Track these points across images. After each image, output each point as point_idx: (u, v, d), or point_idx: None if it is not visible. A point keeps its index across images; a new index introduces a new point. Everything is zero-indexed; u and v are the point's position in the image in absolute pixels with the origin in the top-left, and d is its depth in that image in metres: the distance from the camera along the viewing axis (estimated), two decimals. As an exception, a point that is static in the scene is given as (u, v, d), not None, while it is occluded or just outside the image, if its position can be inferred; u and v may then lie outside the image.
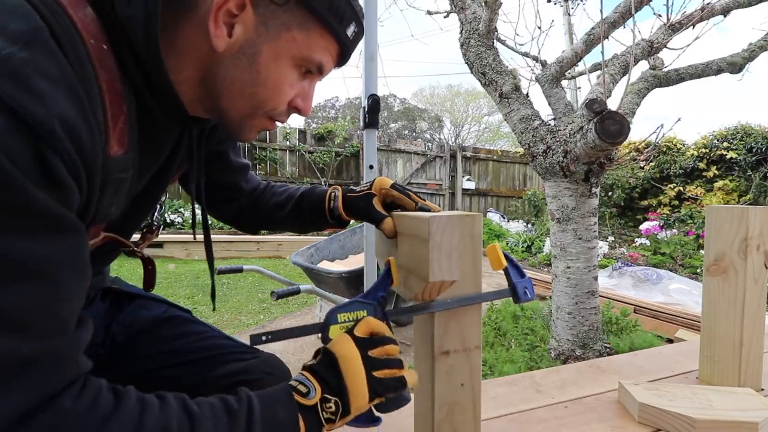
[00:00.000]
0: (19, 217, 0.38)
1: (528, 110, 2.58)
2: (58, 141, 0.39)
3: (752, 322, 1.11)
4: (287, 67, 0.58)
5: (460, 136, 22.67)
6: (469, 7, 2.78)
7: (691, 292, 3.72)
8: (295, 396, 0.55)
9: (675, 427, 0.92)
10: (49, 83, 0.40)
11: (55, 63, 0.41)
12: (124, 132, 0.51)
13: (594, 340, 2.51)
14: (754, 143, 7.62)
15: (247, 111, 0.59)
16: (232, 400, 0.52)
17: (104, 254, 0.70)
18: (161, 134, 0.63)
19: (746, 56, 2.97)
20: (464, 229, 0.68)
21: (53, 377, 0.41)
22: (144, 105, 0.55)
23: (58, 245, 0.41)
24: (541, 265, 6.02)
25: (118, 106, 0.49)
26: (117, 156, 0.50)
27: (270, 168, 8.36)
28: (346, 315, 0.65)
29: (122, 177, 0.52)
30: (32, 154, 0.38)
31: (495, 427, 0.96)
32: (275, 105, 0.60)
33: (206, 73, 0.56)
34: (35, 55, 0.39)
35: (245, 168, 0.94)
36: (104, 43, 0.48)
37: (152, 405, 0.46)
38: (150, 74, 0.53)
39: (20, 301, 0.38)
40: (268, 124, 0.63)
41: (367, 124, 1.50)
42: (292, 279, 2.48)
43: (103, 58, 0.47)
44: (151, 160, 0.65)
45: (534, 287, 0.73)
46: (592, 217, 2.49)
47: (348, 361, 0.57)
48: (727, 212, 1.13)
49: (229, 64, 0.55)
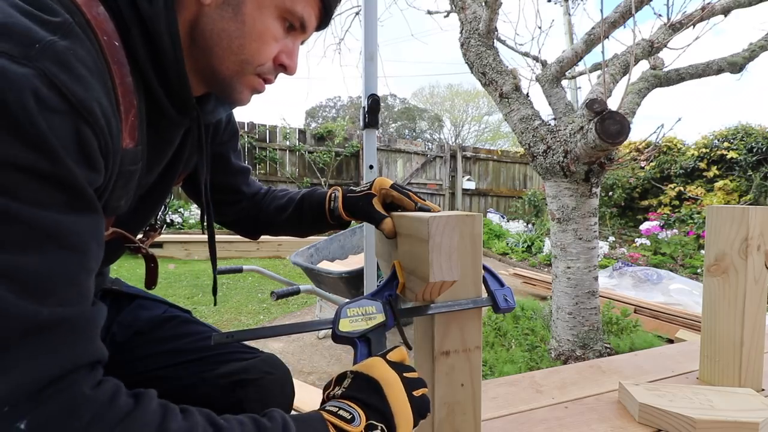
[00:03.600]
0: (53, 186, 0.40)
1: (528, 110, 2.58)
2: (96, 121, 0.43)
3: (752, 322, 1.11)
4: (271, 18, 0.59)
5: (460, 136, 22.68)
6: (469, 7, 2.78)
7: (692, 293, 3.72)
8: (337, 421, 0.53)
9: (675, 427, 0.92)
10: (87, 71, 0.43)
11: (89, 54, 0.44)
12: (135, 126, 0.53)
13: (594, 341, 2.51)
14: (755, 143, 7.62)
15: (237, 67, 0.60)
16: (264, 419, 0.50)
17: (111, 251, 0.69)
18: (168, 131, 0.64)
19: (746, 56, 2.97)
20: (464, 229, 0.68)
21: (71, 349, 0.41)
22: (153, 100, 0.57)
23: (85, 219, 0.43)
24: (541, 265, 6.01)
25: (129, 100, 0.51)
26: (129, 148, 0.52)
27: (270, 168, 8.35)
28: (355, 309, 0.65)
29: (132, 170, 0.55)
30: (73, 131, 0.41)
31: (495, 428, 0.96)
32: (262, 59, 0.61)
33: (195, 30, 0.58)
34: (74, 45, 0.43)
35: (246, 171, 0.94)
36: (116, 39, 0.50)
37: (175, 411, 0.45)
38: (164, 63, 0.55)
39: (42, 267, 0.39)
40: (258, 84, 0.64)
41: (367, 124, 1.50)
42: (292, 279, 2.48)
43: (115, 54, 0.50)
44: (159, 157, 0.66)
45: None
46: (593, 217, 2.49)
47: (390, 385, 0.56)
48: (728, 212, 1.12)
49: (215, 16, 0.57)
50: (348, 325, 0.63)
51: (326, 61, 9.10)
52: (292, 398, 0.93)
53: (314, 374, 2.56)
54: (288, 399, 0.92)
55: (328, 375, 2.55)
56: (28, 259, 0.39)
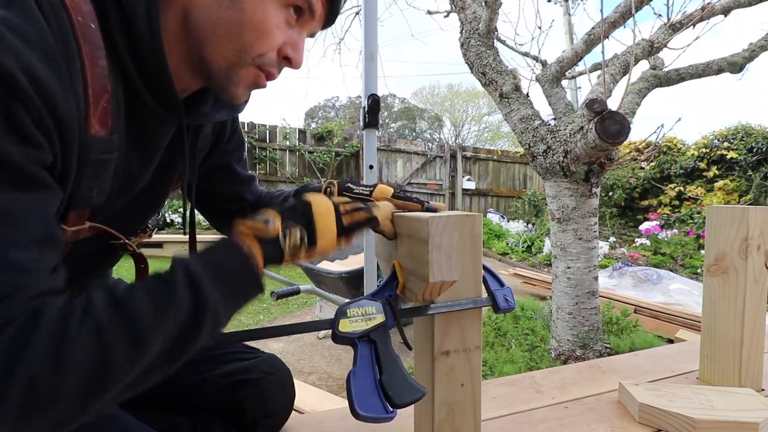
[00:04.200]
0: None
1: (528, 110, 2.58)
2: (23, 93, 0.40)
3: (752, 322, 1.11)
4: (273, 6, 0.55)
5: (460, 136, 22.68)
6: (469, 7, 2.78)
7: (692, 292, 3.72)
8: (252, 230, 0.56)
9: (675, 427, 0.92)
10: (20, 40, 0.40)
11: (33, 27, 0.42)
12: (108, 112, 0.50)
13: (594, 341, 2.51)
14: (755, 143, 7.62)
15: (233, 56, 0.56)
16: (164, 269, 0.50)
17: (97, 249, 0.66)
18: (154, 126, 0.61)
19: (747, 56, 2.97)
20: (464, 229, 0.68)
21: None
22: (132, 88, 0.54)
23: (20, 197, 0.41)
24: (541, 265, 6.01)
25: (101, 84, 0.49)
26: (99, 135, 0.50)
27: (270, 168, 8.35)
28: (355, 310, 0.65)
29: (105, 159, 0.52)
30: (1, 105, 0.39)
31: (495, 428, 0.96)
32: (263, 48, 0.56)
33: (188, 17, 0.54)
34: (13, 15, 0.41)
35: (251, 180, 0.92)
36: (92, 21, 0.48)
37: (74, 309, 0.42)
38: (142, 51, 0.52)
39: None
40: (258, 78, 0.59)
41: (367, 124, 1.50)
42: (292, 279, 2.48)
43: (89, 35, 0.48)
44: (146, 153, 0.63)
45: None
46: (593, 217, 2.49)
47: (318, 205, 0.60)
48: (728, 212, 1.12)
49: (211, 4, 0.53)
50: (348, 325, 0.63)
51: (326, 61, 9.07)
52: (293, 398, 0.93)
53: (314, 374, 2.56)
54: (288, 399, 0.92)
55: (328, 375, 2.56)
56: None
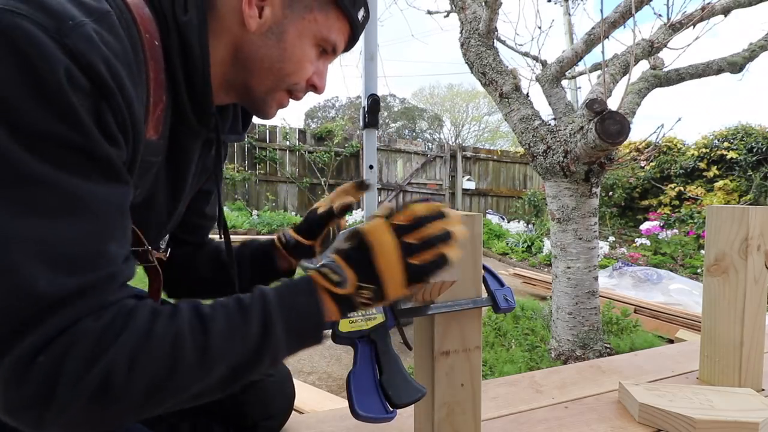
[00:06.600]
0: (79, 157, 0.43)
1: (528, 110, 2.58)
2: (112, 96, 0.45)
3: (752, 322, 1.11)
4: (308, 45, 0.65)
5: (460, 136, 22.67)
6: (469, 7, 2.78)
7: (692, 292, 3.72)
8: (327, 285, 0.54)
9: (675, 427, 0.92)
10: (111, 54, 0.46)
11: (118, 41, 0.47)
12: (161, 120, 0.57)
13: (594, 341, 2.51)
14: (755, 143, 7.62)
15: (272, 85, 0.66)
16: (246, 296, 0.52)
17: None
18: (186, 138, 0.65)
19: (747, 56, 2.97)
20: (464, 229, 0.68)
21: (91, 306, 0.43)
22: (178, 102, 0.60)
23: (110, 190, 0.46)
24: (541, 265, 6.01)
25: (159, 94, 0.56)
26: (151, 140, 0.56)
27: (270, 168, 8.35)
28: None
29: (152, 161, 0.58)
30: (95, 108, 0.44)
31: (495, 428, 0.96)
32: (297, 79, 0.66)
33: (238, 53, 0.63)
34: (104, 30, 0.46)
35: (213, 220, 0.87)
36: (156, 39, 0.55)
37: (162, 314, 0.47)
38: (193, 68, 0.58)
39: (68, 234, 0.42)
40: (285, 100, 0.69)
41: (367, 124, 1.50)
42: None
43: (154, 51, 0.54)
44: (174, 162, 0.65)
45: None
46: (593, 217, 2.49)
47: (383, 250, 0.55)
48: (728, 212, 1.12)
49: (259, 43, 0.62)
50: (348, 325, 0.63)
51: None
52: (293, 398, 0.93)
53: (314, 374, 2.56)
54: (288, 399, 0.92)
55: (328, 375, 2.55)
56: (59, 225, 0.41)
